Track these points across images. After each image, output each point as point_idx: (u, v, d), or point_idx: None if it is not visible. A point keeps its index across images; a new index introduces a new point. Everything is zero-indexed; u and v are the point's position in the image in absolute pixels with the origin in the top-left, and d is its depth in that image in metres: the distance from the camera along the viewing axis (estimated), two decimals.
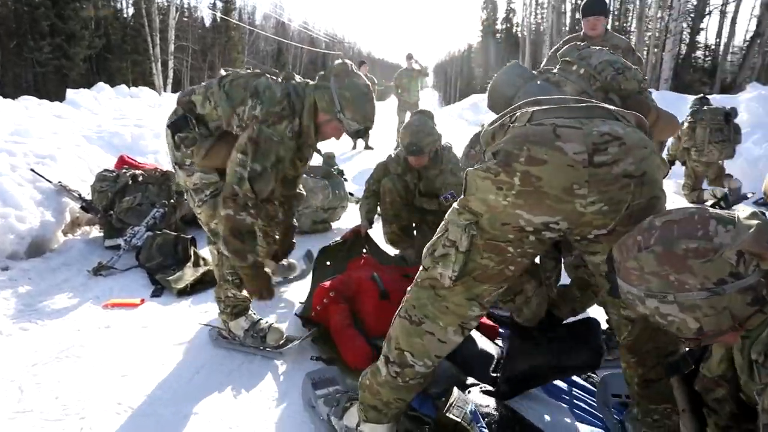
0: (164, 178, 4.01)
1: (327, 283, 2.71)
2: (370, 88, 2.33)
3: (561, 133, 1.28)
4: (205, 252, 3.46)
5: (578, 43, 2.50)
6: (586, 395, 2.16)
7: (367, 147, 10.17)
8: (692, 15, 19.37)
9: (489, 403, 1.91)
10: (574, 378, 2.23)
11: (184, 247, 3.45)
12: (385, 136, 11.06)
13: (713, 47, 21.52)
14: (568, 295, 2.26)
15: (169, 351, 2.46)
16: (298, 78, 2.38)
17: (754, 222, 0.99)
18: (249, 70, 2.38)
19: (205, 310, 2.87)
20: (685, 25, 17.81)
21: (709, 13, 19.93)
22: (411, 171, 3.32)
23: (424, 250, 1.53)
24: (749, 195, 6.01)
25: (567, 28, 26.88)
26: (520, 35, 33.77)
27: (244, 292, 2.46)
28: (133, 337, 2.59)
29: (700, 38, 21.60)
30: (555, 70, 2.36)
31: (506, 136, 1.35)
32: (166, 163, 5.74)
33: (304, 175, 4.41)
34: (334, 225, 4.70)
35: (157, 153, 5.84)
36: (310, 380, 2.07)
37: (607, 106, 1.39)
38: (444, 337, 1.52)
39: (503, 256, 1.40)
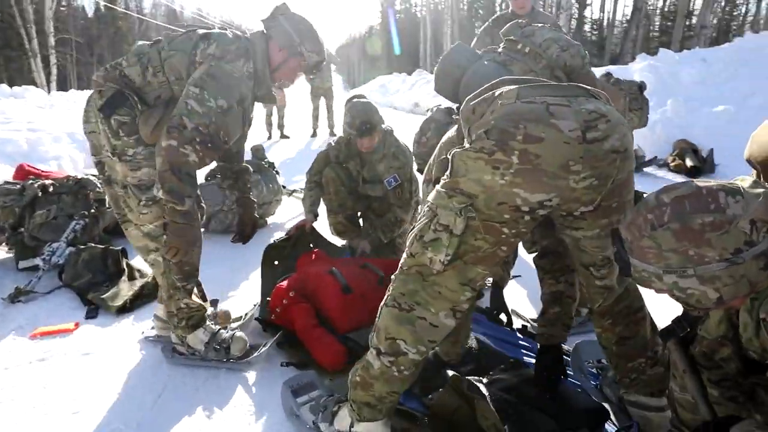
0: (79, 186, 3.63)
1: (284, 283, 2.60)
2: None
3: (554, 111, 1.30)
4: (139, 263, 3.19)
5: (519, 21, 2.54)
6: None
7: (283, 136, 9.91)
8: None
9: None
10: None
11: (115, 260, 3.16)
12: (300, 124, 10.83)
13: (599, 21, 23.05)
14: (551, 319, 1.97)
15: (120, 377, 2.24)
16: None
17: (760, 190, 1.03)
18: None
19: (151, 326, 2.65)
20: (574, 0, 18.88)
21: None
22: (354, 158, 3.25)
23: (410, 237, 1.49)
24: (648, 158, 6.53)
25: (465, 7, 27.60)
26: (419, 15, 34.25)
27: (199, 300, 2.29)
28: (75, 367, 2.34)
29: (587, 13, 23.04)
30: (500, 50, 2.38)
31: (494, 113, 1.35)
32: (71, 170, 5.25)
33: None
34: (270, 220, 4.53)
35: (59, 159, 5.32)
36: (289, 388, 1.97)
37: (583, 86, 1.42)
38: (436, 322, 1.49)
39: (498, 237, 1.39)
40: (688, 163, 6.14)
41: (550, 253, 1.92)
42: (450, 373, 2.07)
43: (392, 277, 1.58)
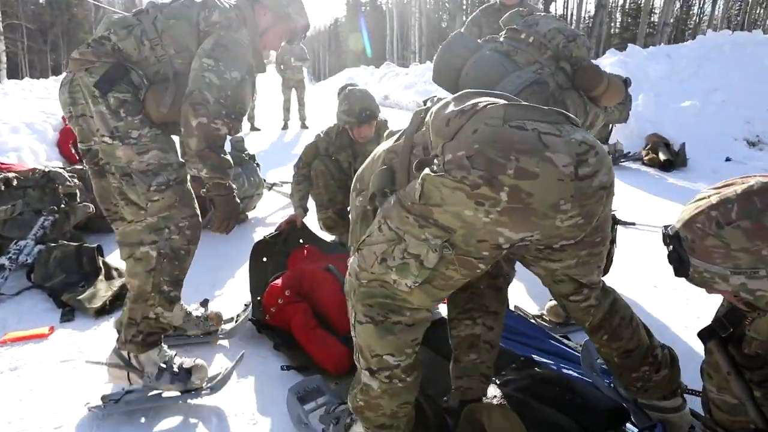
0: (47, 179, 3.38)
1: (278, 282, 2.47)
2: None
3: (547, 142, 1.16)
4: (115, 261, 3.00)
5: (520, 9, 2.46)
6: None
7: (254, 128, 9.65)
8: None
9: (490, 393, 1.85)
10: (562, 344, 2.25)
11: (91, 259, 2.95)
12: (271, 116, 10.58)
13: (563, 18, 23.43)
14: (467, 368, 1.88)
15: (106, 386, 2.07)
16: None
17: None
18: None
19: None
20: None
21: None
22: (345, 149, 3.14)
23: (364, 255, 1.36)
24: (628, 152, 6.64)
25: (431, 1, 27.61)
26: (385, 8, 34.08)
27: (178, 313, 2.08)
28: (53, 376, 2.15)
29: (551, 9, 23.38)
30: (501, 39, 2.30)
31: (477, 133, 1.18)
32: (32, 162, 4.93)
33: None
34: (251, 215, 4.36)
35: (19, 150, 4.97)
36: (295, 395, 1.85)
37: (560, 110, 1.30)
38: (412, 320, 1.40)
39: (472, 270, 1.30)
40: (662, 156, 6.25)
41: (467, 289, 1.78)
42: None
43: (345, 290, 1.48)
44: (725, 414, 1.40)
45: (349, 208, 1.64)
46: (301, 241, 3.00)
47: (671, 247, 1.07)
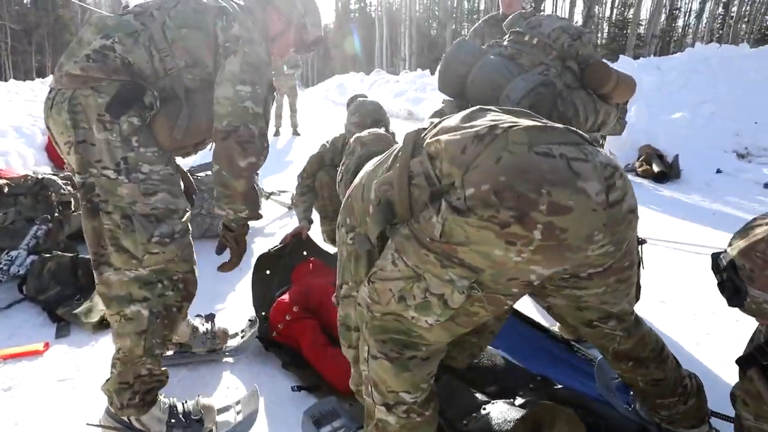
0: (39, 186, 3.27)
1: (285, 297, 2.40)
2: None
3: (577, 170, 1.09)
4: None
5: (523, 12, 2.43)
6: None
7: None
8: None
9: (512, 416, 1.80)
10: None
11: (87, 271, 2.84)
12: None
13: None
14: (463, 343, 1.97)
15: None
16: None
17: None
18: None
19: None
20: (528, 7, 19.26)
21: None
22: None
23: (378, 290, 1.29)
24: (627, 165, 6.67)
25: (419, 8, 27.76)
26: (375, 15, 34.16)
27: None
28: (50, 396, 2.06)
29: None
30: (505, 43, 2.26)
31: (501, 162, 1.09)
32: (20, 167, 4.80)
33: (203, 173, 3.92)
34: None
35: (6, 155, 4.83)
36: (311, 418, 1.79)
37: (574, 129, 1.22)
38: (427, 354, 1.34)
39: (499, 307, 1.24)
40: (655, 168, 6.29)
41: None
42: (479, 396, 1.95)
43: (357, 321, 1.42)
44: None
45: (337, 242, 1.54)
46: (305, 253, 2.93)
47: (725, 275, 1.03)
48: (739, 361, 1.33)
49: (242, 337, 2.39)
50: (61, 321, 2.57)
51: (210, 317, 2.36)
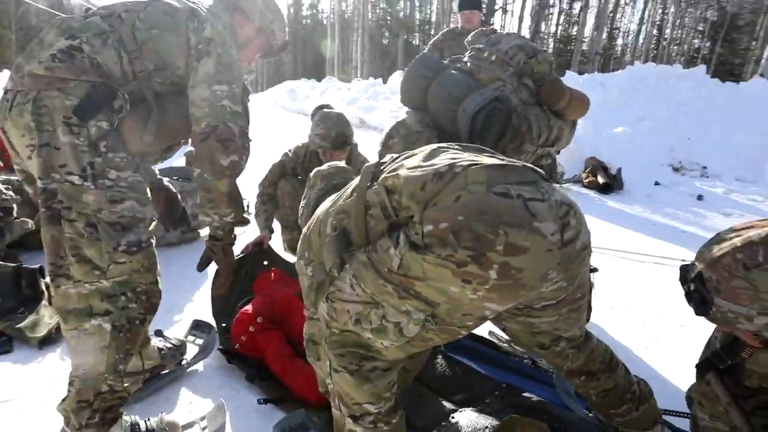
0: None
1: (249, 308, 2.36)
2: None
3: (534, 210, 1.12)
4: None
5: (484, 29, 2.52)
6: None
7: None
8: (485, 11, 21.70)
9: (481, 423, 1.83)
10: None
11: (31, 282, 2.69)
12: None
13: None
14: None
15: (54, 429, 1.87)
16: None
17: None
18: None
19: None
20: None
21: (497, 10, 22.50)
22: None
23: (336, 309, 1.32)
24: (567, 176, 6.95)
25: (372, 17, 27.98)
26: (326, 22, 34.15)
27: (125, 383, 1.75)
28: None
29: None
30: (466, 58, 2.33)
31: (460, 201, 1.12)
32: None
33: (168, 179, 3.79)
34: (203, 233, 4.16)
35: None
36: (280, 430, 1.75)
37: (531, 166, 1.26)
38: (387, 365, 1.38)
39: (453, 335, 1.30)
40: (600, 180, 6.57)
41: None
42: (447, 405, 1.97)
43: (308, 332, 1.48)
44: None
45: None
46: (266, 263, 2.89)
47: (692, 286, 1.10)
48: (698, 366, 1.41)
49: (195, 343, 2.32)
50: (2, 336, 2.41)
51: (158, 332, 2.28)
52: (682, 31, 29.44)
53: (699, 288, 1.09)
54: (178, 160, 5.05)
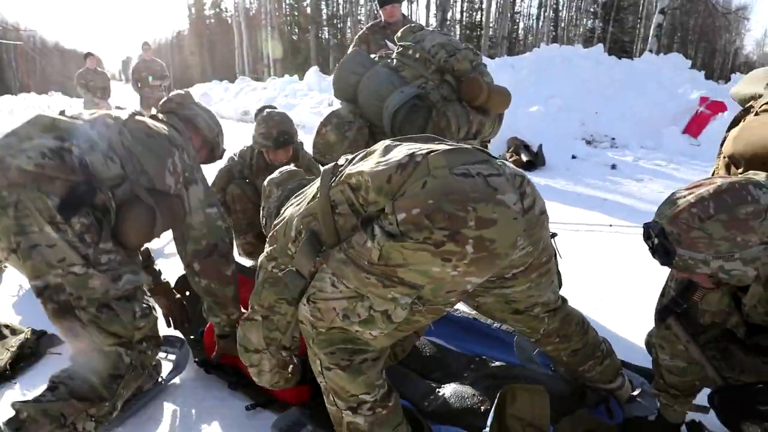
0: None
1: None
2: None
3: (494, 184, 1.23)
4: (4, 314, 2.58)
5: (412, 25, 2.64)
6: None
7: None
8: None
9: (467, 392, 1.94)
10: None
11: None
12: None
13: None
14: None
15: None
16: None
17: None
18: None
19: None
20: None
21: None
22: (263, 172, 3.04)
23: (321, 309, 1.37)
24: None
25: (284, 11, 27.51)
26: (231, 20, 33.13)
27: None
28: None
29: None
30: (393, 55, 2.44)
31: (427, 187, 1.21)
32: None
33: None
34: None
35: None
36: (278, 430, 1.77)
37: (477, 147, 1.39)
38: (375, 356, 1.46)
39: (439, 314, 1.42)
40: (524, 158, 6.94)
41: None
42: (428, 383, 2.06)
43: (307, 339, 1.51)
44: (676, 376, 1.65)
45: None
46: None
47: (656, 240, 1.25)
48: (658, 313, 1.59)
49: (167, 359, 2.28)
50: None
51: None
52: (577, 13, 31.39)
53: (662, 241, 1.24)
54: None
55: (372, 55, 2.53)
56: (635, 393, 1.92)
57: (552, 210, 1.43)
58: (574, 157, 7.52)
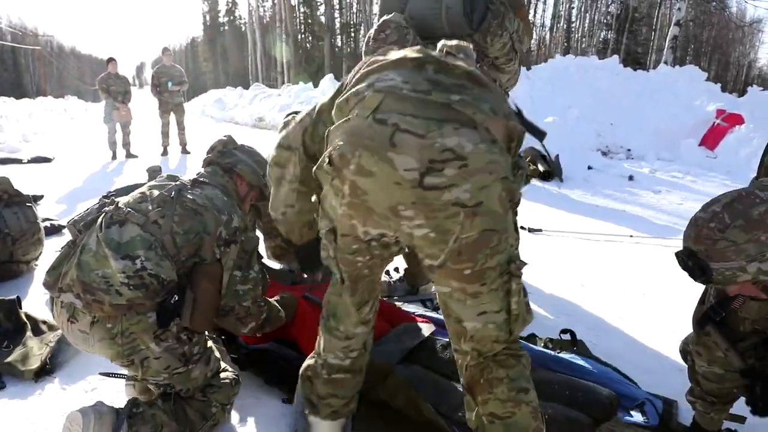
0: None
1: None
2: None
3: (397, 141, 1.16)
4: (38, 311, 2.64)
5: None
6: None
7: (130, 155, 8.94)
8: None
9: None
10: None
11: (9, 314, 2.54)
12: (148, 141, 9.88)
13: None
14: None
15: None
16: (188, 179, 1.97)
17: None
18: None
19: (92, 386, 2.20)
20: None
21: None
22: None
23: None
24: None
25: (300, 20, 27.70)
26: (245, 28, 33.47)
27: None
28: None
29: None
30: None
31: (349, 123, 1.24)
32: None
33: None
34: None
35: None
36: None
37: (463, 111, 1.20)
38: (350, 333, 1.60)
39: (350, 265, 1.44)
40: (541, 168, 6.96)
41: None
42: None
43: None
44: (714, 383, 1.67)
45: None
46: None
47: (690, 263, 1.27)
48: (697, 321, 1.61)
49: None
50: None
51: None
52: (591, 25, 31.42)
53: (695, 261, 1.26)
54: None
55: None
56: None
57: (571, 220, 1.41)
58: (590, 167, 7.53)
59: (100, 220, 1.73)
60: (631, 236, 4.28)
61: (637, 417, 1.87)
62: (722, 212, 1.22)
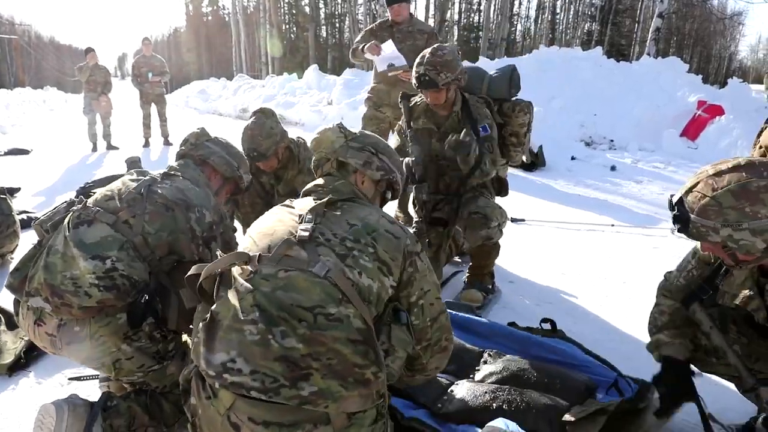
0: None
1: None
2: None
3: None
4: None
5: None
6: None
7: (111, 147, 8.80)
8: None
9: (480, 391, 1.95)
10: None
11: None
12: (129, 133, 9.72)
13: None
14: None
15: None
16: (158, 172, 1.95)
17: None
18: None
19: (64, 380, 2.17)
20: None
21: None
22: (265, 173, 3.03)
23: None
24: None
25: (284, 10, 27.42)
26: (229, 18, 33.07)
27: None
28: None
29: None
30: None
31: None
32: None
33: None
34: None
35: None
36: None
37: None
38: None
39: None
40: (524, 158, 6.97)
41: None
42: (441, 379, 2.07)
43: None
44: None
45: None
46: None
47: (676, 209, 1.32)
48: (683, 301, 1.63)
49: None
50: None
51: None
52: (575, 17, 31.56)
53: (680, 210, 1.31)
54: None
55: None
56: None
57: (554, 210, 1.43)
58: (573, 158, 7.57)
59: (67, 219, 1.69)
60: (613, 225, 4.31)
61: (612, 395, 1.90)
62: (725, 173, 1.26)
